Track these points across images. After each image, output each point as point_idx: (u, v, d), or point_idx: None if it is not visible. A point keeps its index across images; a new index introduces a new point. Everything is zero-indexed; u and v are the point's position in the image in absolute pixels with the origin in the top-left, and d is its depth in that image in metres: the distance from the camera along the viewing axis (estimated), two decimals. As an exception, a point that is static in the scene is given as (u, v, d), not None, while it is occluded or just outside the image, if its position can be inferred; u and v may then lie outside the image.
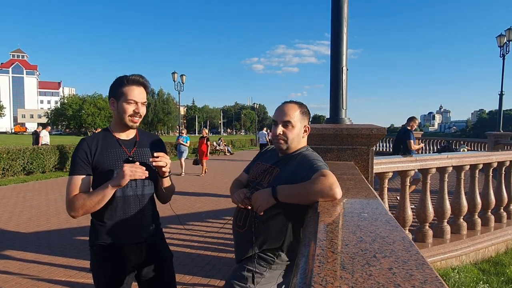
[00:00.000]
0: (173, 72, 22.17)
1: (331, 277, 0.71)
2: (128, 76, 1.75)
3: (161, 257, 1.91)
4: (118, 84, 1.75)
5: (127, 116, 1.74)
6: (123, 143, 1.79)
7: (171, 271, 1.96)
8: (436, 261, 4.06)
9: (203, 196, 8.45)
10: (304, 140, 1.79)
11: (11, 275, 3.77)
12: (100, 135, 1.80)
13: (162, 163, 1.74)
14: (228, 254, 4.39)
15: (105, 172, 1.71)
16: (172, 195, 1.98)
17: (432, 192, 4.35)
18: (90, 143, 1.74)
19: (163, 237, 1.97)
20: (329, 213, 1.26)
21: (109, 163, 1.72)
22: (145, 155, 1.82)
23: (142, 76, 1.79)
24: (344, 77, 3.19)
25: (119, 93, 1.74)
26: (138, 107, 1.75)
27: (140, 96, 1.75)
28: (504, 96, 14.25)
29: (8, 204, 7.39)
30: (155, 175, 1.83)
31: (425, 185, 4.19)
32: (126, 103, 1.73)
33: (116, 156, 1.75)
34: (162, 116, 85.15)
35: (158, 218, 1.93)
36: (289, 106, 1.73)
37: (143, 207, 1.79)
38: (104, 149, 1.74)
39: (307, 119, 1.77)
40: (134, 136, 1.86)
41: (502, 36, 14.15)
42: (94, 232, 1.79)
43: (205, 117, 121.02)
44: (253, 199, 1.58)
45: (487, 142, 14.63)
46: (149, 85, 1.82)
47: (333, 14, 3.18)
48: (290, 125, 1.69)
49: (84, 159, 1.70)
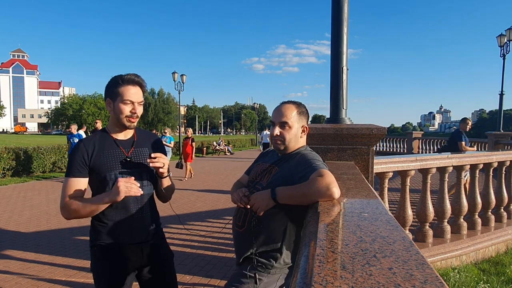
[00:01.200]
0: (173, 72, 22.16)
1: (331, 277, 0.71)
2: (123, 76, 1.73)
3: (162, 257, 1.90)
4: (113, 84, 1.73)
5: (124, 116, 1.72)
6: (120, 144, 1.78)
7: (172, 270, 1.96)
8: (436, 261, 4.06)
9: (203, 195, 8.45)
10: (303, 140, 1.78)
11: (11, 275, 3.77)
12: (97, 136, 1.79)
13: (159, 164, 1.73)
14: (228, 254, 4.39)
15: (102, 173, 1.70)
16: (172, 194, 1.97)
17: (432, 192, 4.35)
18: (87, 145, 1.72)
19: (163, 236, 1.97)
20: (329, 213, 1.26)
21: (106, 165, 1.71)
22: (143, 155, 1.81)
23: (138, 75, 1.76)
24: (345, 77, 3.19)
25: (114, 93, 1.72)
26: (135, 107, 1.73)
27: (136, 95, 1.73)
28: (504, 96, 14.23)
29: (9, 204, 7.39)
30: (154, 175, 1.83)
31: (425, 185, 4.19)
32: (122, 103, 1.71)
33: (113, 157, 1.73)
34: (162, 116, 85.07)
35: (158, 217, 1.92)
36: (286, 106, 1.72)
37: (143, 207, 1.78)
38: (101, 150, 1.73)
39: (305, 119, 1.76)
40: (132, 136, 1.84)
41: (502, 36, 14.12)
42: (95, 233, 1.78)
43: (205, 117, 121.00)
44: (253, 200, 1.57)
45: (487, 142, 14.62)
46: (144, 84, 1.79)
47: (333, 14, 3.17)
48: (287, 125, 1.69)
49: (81, 161, 1.69)
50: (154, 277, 1.87)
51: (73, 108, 76.60)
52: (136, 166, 1.77)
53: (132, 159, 1.77)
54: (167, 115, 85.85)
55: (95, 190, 1.76)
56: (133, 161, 1.77)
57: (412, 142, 19.96)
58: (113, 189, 1.64)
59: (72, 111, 76.27)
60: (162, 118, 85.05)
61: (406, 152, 19.46)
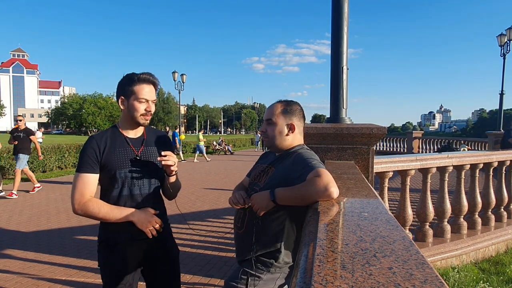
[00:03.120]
0: (174, 71, 22.18)
1: (331, 276, 0.71)
2: (139, 74, 1.75)
3: (168, 253, 1.93)
4: (128, 82, 1.75)
5: (140, 115, 1.75)
6: (131, 142, 1.80)
7: (177, 267, 1.98)
8: (436, 260, 4.06)
9: (203, 195, 8.45)
10: (296, 138, 1.76)
11: (12, 274, 3.77)
12: (109, 132, 1.81)
13: (170, 162, 1.75)
14: (228, 253, 4.39)
15: (112, 171, 1.72)
16: (178, 191, 1.99)
17: (432, 191, 4.35)
18: (99, 141, 1.74)
19: (171, 232, 1.99)
20: (329, 212, 1.25)
21: (117, 163, 1.73)
22: (152, 154, 1.84)
23: (152, 74, 1.79)
24: (345, 76, 3.19)
25: (129, 91, 1.74)
26: (149, 105, 1.77)
27: (150, 94, 1.76)
28: (504, 95, 14.23)
29: (9, 204, 7.39)
30: (162, 173, 1.84)
31: (425, 185, 4.19)
32: (137, 101, 1.74)
33: (124, 156, 1.76)
34: (163, 115, 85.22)
35: (165, 214, 1.94)
36: (273, 105, 1.78)
37: (150, 205, 1.80)
38: (113, 147, 1.75)
39: (295, 117, 1.74)
40: (142, 134, 1.86)
41: (502, 35, 14.12)
42: (103, 229, 1.81)
43: (205, 116, 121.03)
44: (253, 202, 1.58)
45: (487, 141, 14.62)
46: (158, 83, 1.82)
47: (334, 13, 3.17)
48: (271, 122, 1.74)
49: (93, 157, 1.71)
50: (159, 272, 1.89)
51: (73, 108, 76.59)
52: (145, 165, 1.80)
53: (141, 157, 1.79)
54: (167, 114, 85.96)
55: (104, 186, 1.78)
56: (142, 159, 1.79)
57: (412, 141, 19.98)
58: (138, 221, 1.72)
59: (72, 111, 76.28)
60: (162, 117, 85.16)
61: (406, 152, 19.49)
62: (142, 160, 1.78)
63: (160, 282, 1.91)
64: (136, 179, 1.76)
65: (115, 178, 1.72)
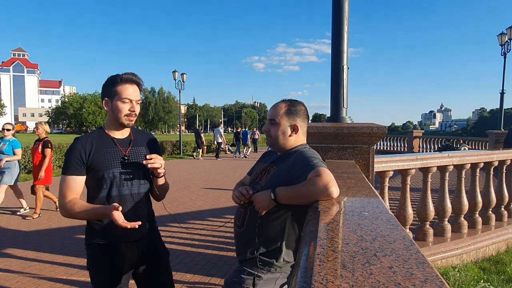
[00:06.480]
0: (174, 70, 22.14)
1: (332, 275, 0.71)
2: (121, 75, 1.74)
3: (158, 255, 1.92)
4: (111, 83, 1.74)
5: (123, 115, 1.74)
6: (118, 142, 1.79)
7: (167, 268, 1.97)
8: (437, 259, 4.06)
9: (203, 194, 8.45)
10: (299, 138, 1.76)
11: (12, 274, 3.78)
12: (95, 134, 1.79)
13: (156, 164, 1.74)
14: (228, 252, 4.39)
15: (100, 172, 1.71)
16: (166, 193, 1.98)
17: (433, 191, 4.35)
18: (85, 143, 1.72)
19: (159, 234, 1.98)
20: (329, 212, 1.25)
21: (104, 163, 1.72)
22: (140, 154, 1.83)
23: (135, 74, 1.77)
24: (345, 75, 3.19)
25: (113, 92, 1.73)
26: (133, 105, 1.75)
27: (134, 94, 1.74)
28: (505, 94, 14.21)
29: (9, 203, 7.40)
30: (150, 174, 1.84)
31: (426, 184, 4.18)
32: (120, 102, 1.72)
33: (111, 156, 1.74)
34: (163, 115, 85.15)
35: (153, 216, 1.94)
36: (276, 105, 1.77)
37: (139, 205, 1.80)
38: (100, 148, 1.73)
39: (298, 117, 1.74)
40: (129, 135, 1.85)
41: (503, 34, 14.09)
42: (91, 231, 1.80)
43: (206, 115, 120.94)
44: (254, 201, 1.58)
45: (488, 141, 14.61)
46: (142, 83, 1.80)
47: (334, 12, 3.17)
48: (274, 122, 1.73)
49: (78, 160, 1.69)
50: (150, 274, 1.88)
51: (73, 107, 76.69)
52: (134, 165, 1.79)
53: (129, 158, 1.78)
54: (168, 114, 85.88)
55: (92, 187, 1.77)
56: (130, 160, 1.78)
57: (412, 141, 19.97)
58: (113, 218, 1.57)
59: (73, 110, 76.39)
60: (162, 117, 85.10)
61: (407, 151, 19.48)
62: (130, 160, 1.77)
63: (154, 284, 1.90)
64: (125, 179, 1.75)
65: (103, 179, 1.71)
